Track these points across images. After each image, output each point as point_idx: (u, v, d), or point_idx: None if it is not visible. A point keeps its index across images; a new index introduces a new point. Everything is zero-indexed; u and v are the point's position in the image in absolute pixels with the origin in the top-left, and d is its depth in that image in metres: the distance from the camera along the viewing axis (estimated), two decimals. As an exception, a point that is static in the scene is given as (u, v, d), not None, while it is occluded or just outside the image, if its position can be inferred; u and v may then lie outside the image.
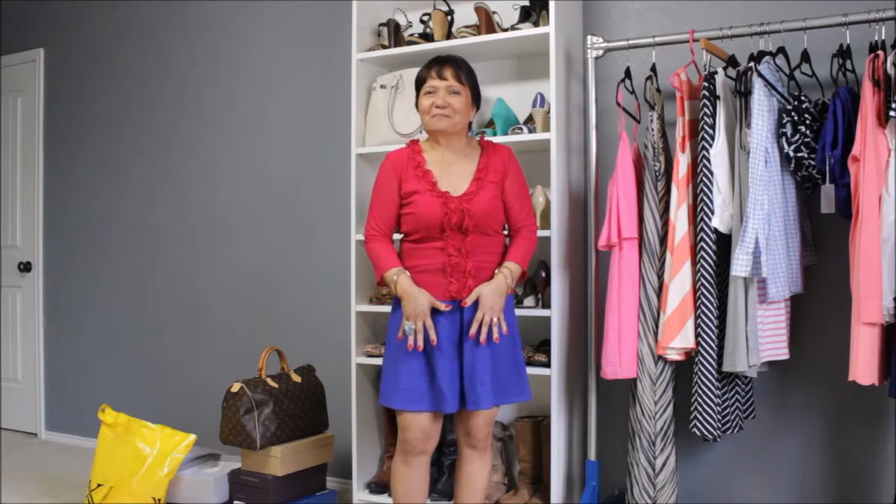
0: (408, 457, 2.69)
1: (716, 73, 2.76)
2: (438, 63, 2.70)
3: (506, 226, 2.79)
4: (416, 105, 2.75)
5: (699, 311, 2.74)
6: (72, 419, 4.91)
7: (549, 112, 3.13)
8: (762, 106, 2.64)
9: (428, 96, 2.68)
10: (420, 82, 2.73)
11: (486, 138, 2.84)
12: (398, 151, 2.77)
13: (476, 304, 2.61)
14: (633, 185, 2.89)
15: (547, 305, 3.12)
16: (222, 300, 4.35)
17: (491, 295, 2.60)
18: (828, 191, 2.59)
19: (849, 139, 2.55)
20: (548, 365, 3.07)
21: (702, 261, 2.72)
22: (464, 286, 2.62)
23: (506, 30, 3.29)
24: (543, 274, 3.17)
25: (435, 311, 2.61)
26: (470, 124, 2.79)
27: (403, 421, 2.66)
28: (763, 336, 2.71)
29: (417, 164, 2.69)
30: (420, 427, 2.65)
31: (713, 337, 2.73)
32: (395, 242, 2.77)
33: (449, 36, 3.37)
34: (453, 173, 2.69)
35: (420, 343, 2.59)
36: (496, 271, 2.66)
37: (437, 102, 2.64)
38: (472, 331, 2.60)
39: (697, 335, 2.75)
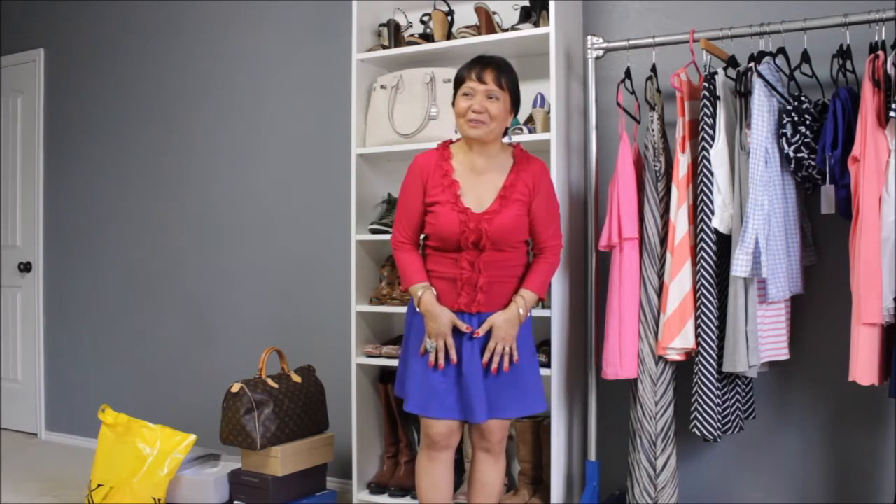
0: (431, 451, 2.68)
1: (716, 73, 2.76)
2: (480, 64, 2.59)
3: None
4: (453, 103, 2.66)
5: (699, 311, 2.74)
6: (72, 419, 4.91)
7: (549, 112, 3.13)
8: (762, 106, 2.64)
9: (465, 98, 2.58)
10: (459, 82, 2.63)
11: (520, 147, 2.73)
12: (428, 154, 2.69)
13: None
14: (633, 186, 2.89)
15: (547, 305, 3.12)
16: (222, 300, 4.35)
17: (504, 326, 2.58)
18: (828, 191, 2.59)
19: (849, 139, 2.55)
20: (548, 365, 3.07)
21: (702, 261, 2.72)
22: (473, 300, 2.59)
23: (506, 30, 3.29)
24: (543, 274, 3.17)
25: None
26: (506, 130, 2.70)
27: (426, 420, 2.65)
28: (763, 336, 2.72)
29: (445, 172, 2.62)
30: (446, 425, 2.64)
31: (713, 337, 2.73)
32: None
33: (449, 36, 3.37)
34: (480, 184, 2.62)
35: (441, 362, 2.58)
36: (513, 299, 2.62)
37: (475, 107, 2.55)
38: (485, 359, 2.59)
39: (698, 335, 2.75)
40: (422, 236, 2.73)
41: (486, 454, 2.73)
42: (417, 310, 2.63)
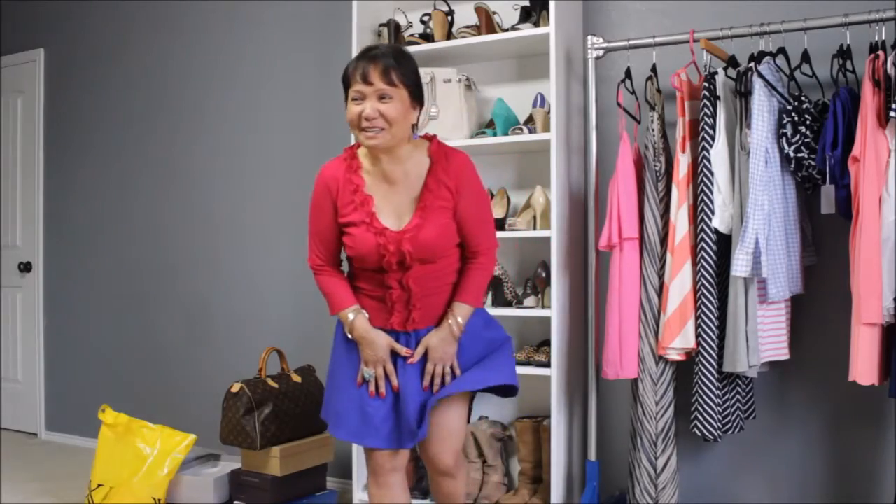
0: (378, 477, 2.40)
1: (716, 73, 2.76)
2: (364, 61, 2.22)
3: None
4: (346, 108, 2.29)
5: (699, 311, 2.74)
6: (72, 419, 4.91)
7: (549, 112, 3.13)
8: (762, 106, 2.64)
9: (354, 104, 2.22)
10: (345, 84, 2.27)
11: (437, 140, 2.37)
12: (333, 166, 2.35)
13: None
14: (633, 186, 2.89)
15: (547, 305, 3.12)
16: (222, 300, 4.35)
17: (440, 346, 2.32)
18: (828, 191, 2.59)
19: (849, 139, 2.55)
20: (548, 365, 3.07)
21: (702, 261, 2.72)
22: (407, 318, 2.33)
23: (506, 30, 3.29)
24: (543, 274, 3.17)
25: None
26: (415, 125, 2.31)
27: (366, 448, 2.41)
28: (763, 336, 2.72)
29: (356, 187, 2.30)
30: (385, 453, 2.37)
31: (713, 337, 2.73)
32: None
33: (449, 36, 3.37)
34: (395, 195, 2.31)
35: (382, 390, 2.33)
36: (446, 313, 2.35)
37: (366, 113, 2.19)
38: (425, 383, 2.34)
39: (698, 335, 2.75)
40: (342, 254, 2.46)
41: (442, 477, 2.46)
42: (349, 336, 2.37)
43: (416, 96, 2.28)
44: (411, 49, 3.35)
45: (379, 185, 2.32)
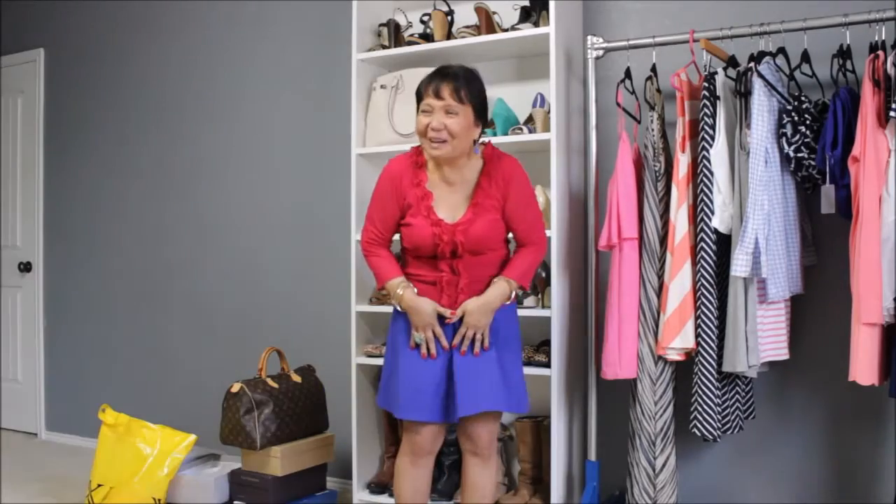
0: (415, 457, 2.67)
1: (716, 73, 2.76)
2: (437, 78, 2.51)
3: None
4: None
5: (699, 311, 2.74)
6: (72, 419, 4.91)
7: (549, 112, 3.13)
8: (762, 106, 2.64)
9: (424, 115, 2.51)
10: (418, 97, 2.56)
11: (490, 145, 2.66)
12: (400, 162, 2.64)
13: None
14: (633, 186, 2.89)
15: (547, 305, 3.12)
16: (222, 300, 4.35)
17: (476, 312, 2.55)
18: (828, 191, 2.59)
19: (849, 139, 2.55)
20: (548, 365, 3.07)
21: (702, 261, 2.72)
22: (455, 301, 2.58)
23: (506, 30, 3.29)
24: (543, 274, 3.17)
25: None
26: (475, 141, 2.60)
27: (411, 425, 2.64)
28: (763, 336, 2.71)
29: (419, 182, 2.58)
30: (429, 430, 2.64)
31: (713, 337, 2.73)
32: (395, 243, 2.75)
33: (449, 36, 3.37)
34: (453, 194, 2.59)
35: (434, 351, 2.57)
36: (493, 281, 2.59)
37: (433, 125, 2.47)
38: (455, 342, 2.58)
39: (697, 335, 2.75)
40: (397, 241, 2.71)
41: (475, 457, 2.70)
42: (398, 308, 2.61)
43: (481, 115, 2.55)
44: (411, 49, 3.37)
45: (439, 184, 2.58)
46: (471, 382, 2.56)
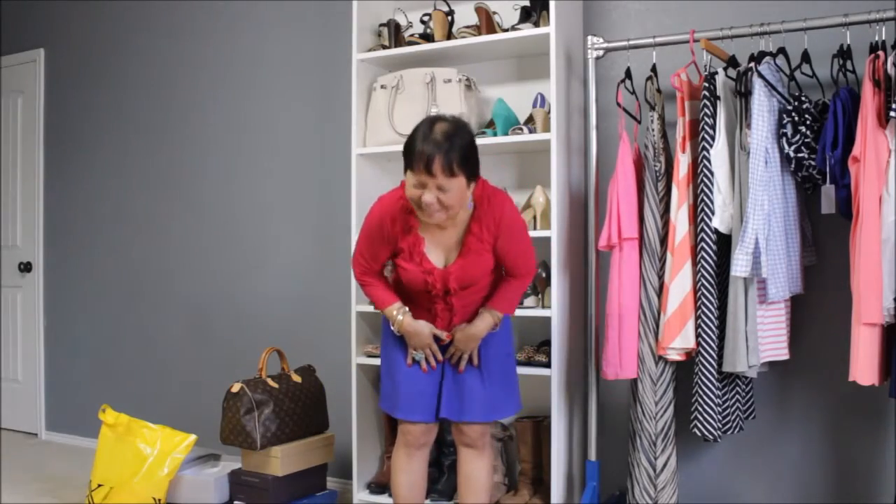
0: (410, 448, 2.75)
1: (716, 73, 2.76)
2: (427, 152, 2.36)
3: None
4: (405, 171, 2.46)
5: (699, 311, 2.74)
6: (72, 419, 4.91)
7: (549, 112, 3.13)
8: (762, 106, 2.64)
9: (415, 189, 2.42)
10: (407, 161, 2.45)
11: (480, 184, 2.54)
12: (389, 203, 2.57)
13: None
14: (633, 186, 2.89)
15: (547, 305, 3.12)
16: (222, 300, 4.35)
17: (463, 340, 2.66)
18: (828, 191, 2.59)
19: (849, 139, 2.55)
20: (548, 365, 3.07)
21: (702, 261, 2.72)
22: (449, 323, 2.69)
23: (506, 30, 3.29)
24: (543, 274, 3.17)
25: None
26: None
27: (405, 422, 2.74)
28: (763, 336, 2.72)
29: (410, 227, 2.55)
30: (422, 424, 2.73)
31: (713, 337, 2.73)
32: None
33: (449, 36, 3.37)
34: (444, 237, 2.58)
35: (434, 365, 2.70)
36: (480, 311, 2.68)
37: (426, 199, 2.38)
38: (446, 357, 2.72)
39: (698, 335, 2.75)
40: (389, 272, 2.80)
41: (468, 448, 2.77)
42: (396, 333, 2.70)
43: (473, 173, 2.47)
44: (411, 49, 3.37)
45: (430, 227, 2.56)
46: (457, 393, 2.70)
